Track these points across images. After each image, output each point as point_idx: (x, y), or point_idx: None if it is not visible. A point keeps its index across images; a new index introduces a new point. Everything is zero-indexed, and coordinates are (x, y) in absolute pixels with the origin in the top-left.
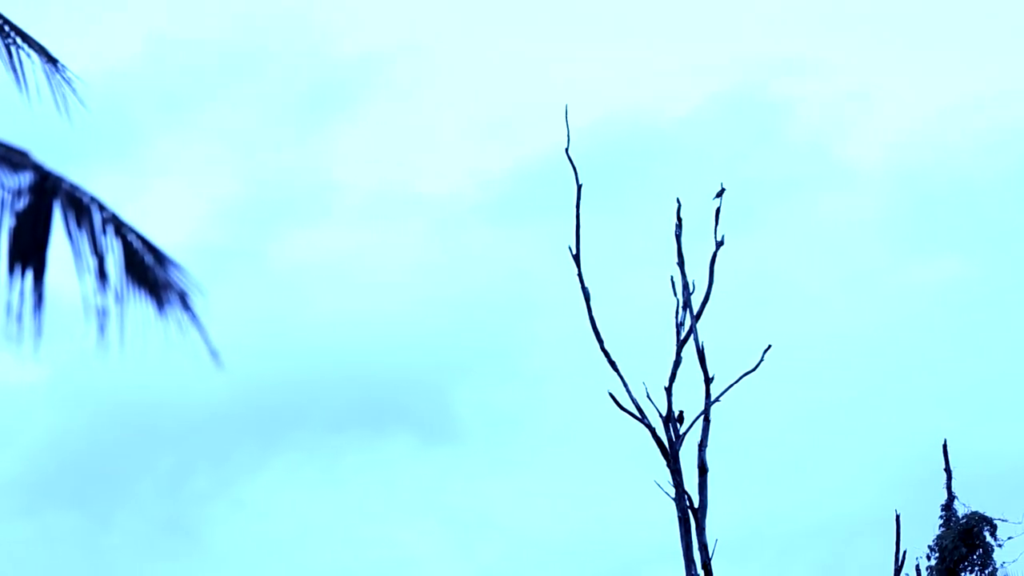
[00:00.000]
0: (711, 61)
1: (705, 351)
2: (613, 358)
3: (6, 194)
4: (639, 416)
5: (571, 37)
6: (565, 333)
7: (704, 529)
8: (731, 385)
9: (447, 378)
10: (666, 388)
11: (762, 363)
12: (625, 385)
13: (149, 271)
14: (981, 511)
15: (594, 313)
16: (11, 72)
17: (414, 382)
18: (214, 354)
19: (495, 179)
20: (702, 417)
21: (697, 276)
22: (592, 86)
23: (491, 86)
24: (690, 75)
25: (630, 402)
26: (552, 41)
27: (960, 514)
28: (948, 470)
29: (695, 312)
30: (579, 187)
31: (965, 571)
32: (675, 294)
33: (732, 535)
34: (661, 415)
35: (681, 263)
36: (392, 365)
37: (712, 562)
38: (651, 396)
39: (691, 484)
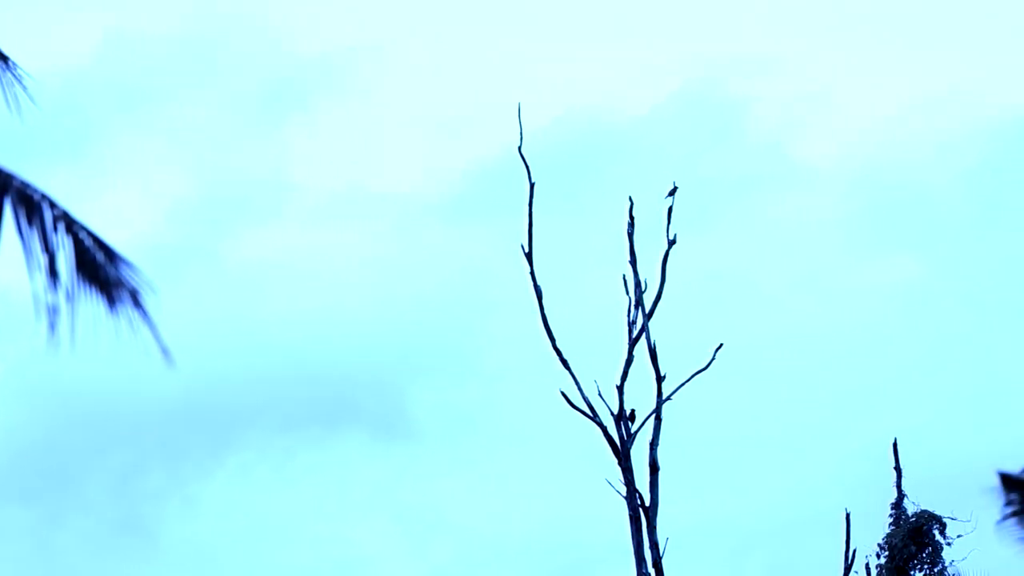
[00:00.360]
0: (669, 60)
1: (657, 350)
2: (565, 356)
3: None
4: (591, 415)
5: (529, 36)
6: (519, 332)
7: (655, 527)
8: (683, 384)
9: (401, 376)
10: (618, 386)
11: (714, 362)
12: (577, 383)
13: (100, 269)
14: (931, 510)
15: (546, 312)
16: None
17: (368, 380)
18: (165, 352)
19: (451, 178)
20: (653, 416)
21: (650, 275)
22: (550, 85)
23: (448, 85)
24: (648, 74)
25: (582, 400)
26: (510, 40)
27: (910, 512)
28: (898, 469)
29: (647, 311)
30: (532, 185)
31: (915, 569)
32: (627, 292)
33: (683, 534)
34: (613, 413)
35: (633, 261)
36: (346, 363)
37: (663, 560)
38: (603, 394)
39: (642, 483)
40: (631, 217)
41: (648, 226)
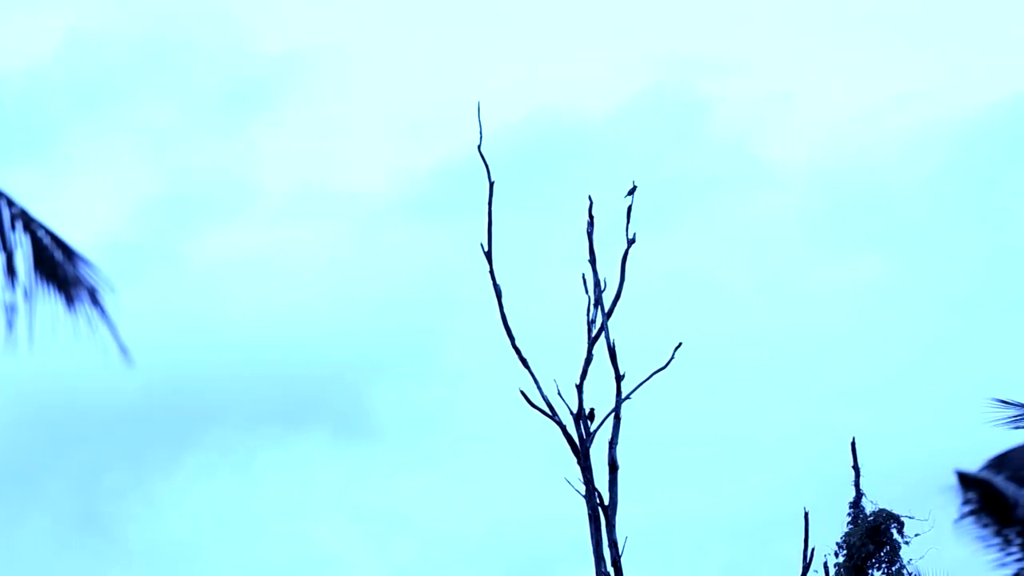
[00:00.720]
0: (633, 60)
1: (616, 348)
2: (524, 355)
3: None
4: (550, 414)
5: (494, 36)
6: (481, 331)
7: (614, 527)
8: (642, 383)
9: (363, 375)
10: (577, 385)
11: (673, 361)
12: (536, 382)
13: (58, 267)
14: (889, 508)
15: (506, 311)
16: None
17: (330, 379)
18: (123, 350)
19: (414, 177)
20: (613, 415)
21: (610, 274)
22: (515, 84)
23: (412, 85)
24: (612, 73)
25: (541, 400)
26: (475, 40)
27: (868, 511)
28: (856, 468)
29: (607, 310)
30: (491, 184)
31: (873, 568)
32: (587, 291)
33: (642, 533)
34: (572, 412)
35: (593, 260)
36: (308, 362)
37: (622, 559)
38: (562, 393)
39: (601, 482)
40: (590, 216)
41: (610, 225)
